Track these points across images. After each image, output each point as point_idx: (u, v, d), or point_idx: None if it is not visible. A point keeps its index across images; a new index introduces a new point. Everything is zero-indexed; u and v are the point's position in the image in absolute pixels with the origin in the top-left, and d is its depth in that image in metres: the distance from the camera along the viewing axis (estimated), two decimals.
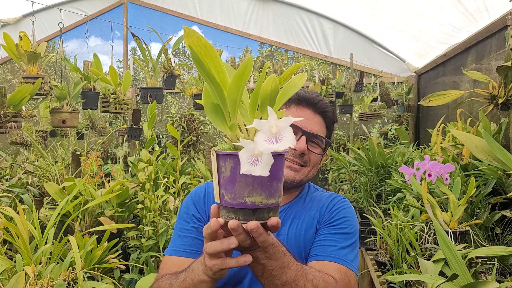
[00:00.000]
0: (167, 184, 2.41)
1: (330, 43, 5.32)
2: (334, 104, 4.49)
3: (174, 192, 2.39)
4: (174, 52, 3.63)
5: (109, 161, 5.63)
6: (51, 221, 1.58)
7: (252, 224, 0.76)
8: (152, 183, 2.37)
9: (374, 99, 4.87)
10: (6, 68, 6.62)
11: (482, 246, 1.31)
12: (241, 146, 0.72)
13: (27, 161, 3.70)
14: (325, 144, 1.28)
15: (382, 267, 1.87)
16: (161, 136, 6.20)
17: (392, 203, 2.09)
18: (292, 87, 0.80)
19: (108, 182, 2.61)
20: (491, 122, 1.91)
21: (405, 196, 1.96)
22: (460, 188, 1.45)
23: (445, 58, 3.65)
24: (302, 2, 5.17)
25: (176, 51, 6.70)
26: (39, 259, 1.34)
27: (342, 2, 4.74)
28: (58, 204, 2.05)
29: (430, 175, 1.39)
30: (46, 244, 1.48)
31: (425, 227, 1.49)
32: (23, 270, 1.16)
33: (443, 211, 1.41)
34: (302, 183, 1.29)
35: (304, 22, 5.33)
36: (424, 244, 1.47)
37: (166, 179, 2.43)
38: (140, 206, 2.28)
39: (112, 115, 5.80)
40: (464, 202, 1.35)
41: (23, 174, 2.94)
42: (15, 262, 1.29)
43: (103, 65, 3.20)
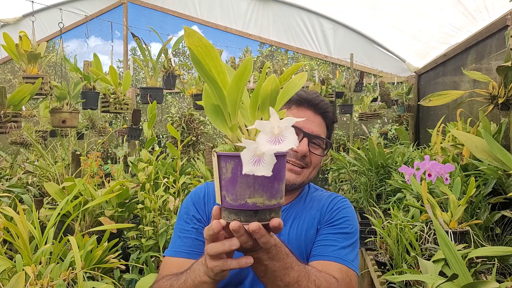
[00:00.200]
0: (167, 184, 2.41)
1: (330, 43, 5.32)
2: (334, 104, 4.49)
3: (174, 192, 2.39)
4: (174, 52, 3.63)
5: (109, 161, 5.63)
6: (51, 221, 1.58)
7: (254, 225, 0.75)
8: (152, 183, 2.37)
9: (374, 99, 4.87)
10: (6, 68, 6.62)
11: (482, 246, 1.31)
12: (242, 147, 0.71)
13: (27, 161, 3.70)
14: (326, 145, 1.28)
15: (382, 267, 1.88)
16: (161, 136, 6.20)
17: (392, 203, 2.09)
18: (293, 87, 0.80)
19: (108, 182, 2.61)
20: (491, 122, 1.91)
21: (405, 196, 1.96)
22: (460, 188, 1.45)
23: (445, 58, 3.65)
24: (302, 2, 5.17)
25: (176, 51, 6.70)
26: (39, 259, 1.34)
27: (342, 2, 4.74)
28: (58, 204, 2.05)
29: (430, 175, 1.39)
30: (46, 244, 1.48)
31: (425, 227, 1.49)
32: (23, 270, 1.16)
33: (443, 211, 1.41)
34: (303, 185, 1.29)
35: (304, 22, 5.33)
36: (424, 244, 1.47)
37: (166, 179, 2.43)
38: (140, 206, 2.28)
39: (112, 115, 5.80)
40: (464, 202, 1.35)
41: (23, 174, 2.94)
42: (15, 262, 1.29)
43: (103, 65, 3.20)
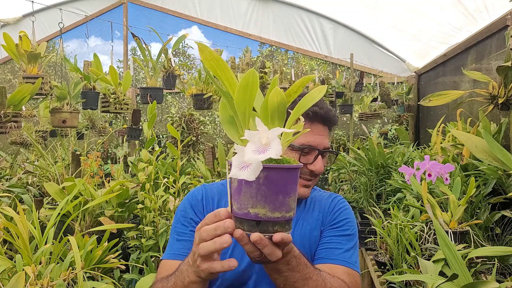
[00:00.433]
0: (167, 184, 2.41)
1: (330, 43, 5.32)
2: (334, 104, 4.49)
3: (174, 192, 2.39)
4: (174, 52, 3.63)
5: (109, 161, 5.63)
6: (51, 221, 1.58)
7: (255, 236, 0.76)
8: (152, 183, 2.37)
9: (374, 99, 4.87)
10: (6, 68, 6.62)
11: (482, 246, 1.31)
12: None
13: (27, 161, 3.70)
14: (333, 155, 1.30)
15: (382, 267, 1.87)
16: (161, 136, 6.20)
17: (392, 203, 2.09)
18: (310, 101, 0.80)
19: (108, 182, 2.61)
20: (491, 122, 1.91)
21: (405, 196, 1.96)
22: (460, 188, 1.45)
23: (445, 58, 3.65)
24: (302, 2, 5.17)
25: (176, 51, 6.70)
26: (39, 259, 1.34)
27: (342, 2, 4.74)
28: (58, 204, 2.05)
29: (430, 175, 1.39)
30: (46, 244, 1.48)
31: (425, 227, 1.49)
32: (23, 270, 1.16)
33: (443, 211, 1.41)
34: None
35: (304, 22, 5.33)
36: (424, 244, 1.47)
37: (166, 179, 2.43)
38: (140, 206, 2.28)
39: (112, 115, 5.80)
40: (464, 202, 1.35)
41: (23, 174, 2.94)
42: (15, 262, 1.29)
43: (103, 65, 3.20)
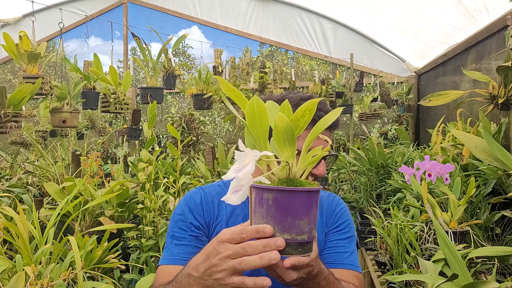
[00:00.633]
0: (167, 184, 2.41)
1: (330, 43, 5.32)
2: (334, 104, 4.49)
3: (174, 192, 2.39)
4: (174, 52, 3.63)
5: (109, 161, 5.63)
6: (51, 221, 1.58)
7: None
8: (152, 183, 2.37)
9: (374, 99, 4.86)
10: (6, 68, 6.62)
11: (482, 246, 1.31)
12: (261, 181, 0.76)
13: (27, 161, 3.70)
14: (333, 157, 1.31)
15: (382, 267, 1.88)
16: (161, 136, 6.20)
17: (392, 203, 2.09)
18: (326, 123, 0.82)
19: (108, 182, 2.61)
20: (491, 122, 1.91)
21: (405, 196, 1.96)
22: (460, 188, 1.45)
23: (445, 58, 3.65)
24: (302, 2, 5.18)
25: (176, 51, 6.70)
26: (39, 259, 1.34)
27: (342, 2, 4.74)
28: (58, 204, 2.05)
29: (430, 175, 1.39)
30: (46, 244, 1.48)
31: (425, 227, 1.49)
32: (23, 270, 1.16)
33: (443, 211, 1.41)
34: None
35: (304, 22, 5.33)
36: (424, 244, 1.47)
37: (166, 179, 2.43)
38: (140, 206, 2.29)
39: (112, 115, 5.80)
40: (464, 202, 1.35)
41: (23, 174, 2.94)
42: (15, 262, 1.29)
43: (103, 65, 3.20)
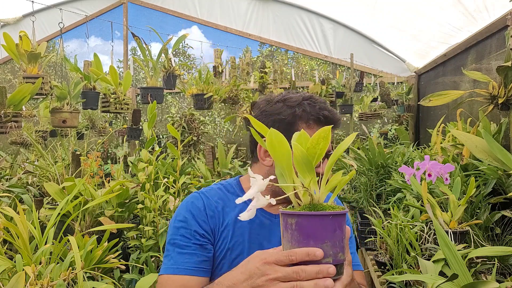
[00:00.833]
0: (167, 184, 2.41)
1: (330, 43, 5.32)
2: (334, 104, 4.49)
3: (174, 192, 2.39)
4: (174, 52, 3.63)
5: (109, 161, 5.63)
6: (51, 221, 1.58)
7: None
8: (152, 183, 2.37)
9: (374, 99, 4.87)
10: (6, 68, 6.62)
11: (482, 246, 1.31)
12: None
13: (27, 161, 3.70)
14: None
15: (382, 267, 1.87)
16: (161, 136, 6.20)
17: (392, 203, 2.09)
18: (343, 148, 0.84)
19: (108, 182, 2.61)
20: (491, 122, 1.91)
21: (405, 196, 1.96)
22: (460, 188, 1.45)
23: (445, 58, 3.65)
24: (302, 2, 5.18)
25: (176, 51, 6.70)
26: (39, 259, 1.34)
27: (342, 2, 4.74)
28: (58, 204, 2.05)
29: (430, 175, 1.39)
30: (46, 244, 1.48)
31: (425, 227, 1.49)
32: (23, 270, 1.16)
33: (443, 211, 1.41)
34: None
35: (304, 22, 5.33)
36: (424, 244, 1.47)
37: (166, 179, 2.43)
38: (140, 206, 2.29)
39: (112, 115, 5.80)
40: (464, 202, 1.35)
41: (23, 174, 2.94)
42: (15, 262, 1.29)
43: (103, 65, 3.20)
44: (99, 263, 1.66)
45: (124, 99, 3.24)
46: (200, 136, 4.46)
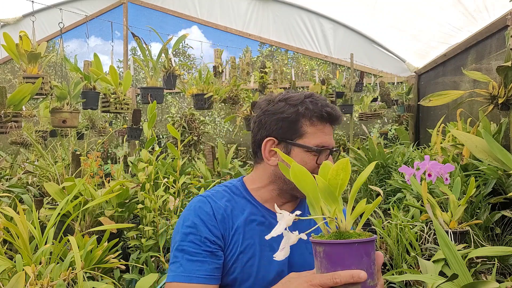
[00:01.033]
0: (167, 184, 2.41)
1: (330, 43, 5.32)
2: (334, 104, 4.48)
3: (174, 192, 2.39)
4: (174, 52, 3.63)
5: (109, 161, 5.63)
6: (51, 221, 1.58)
7: None
8: (152, 183, 2.37)
9: (374, 99, 4.87)
10: (6, 68, 6.62)
11: (482, 246, 1.31)
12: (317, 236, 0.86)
13: (27, 161, 3.70)
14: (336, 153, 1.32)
15: (382, 267, 1.88)
16: (161, 136, 6.20)
17: (392, 203, 2.09)
18: (365, 177, 0.87)
19: (108, 182, 2.61)
20: (491, 122, 1.92)
21: (405, 196, 1.96)
22: (460, 188, 1.45)
23: (445, 58, 3.65)
24: (302, 2, 5.17)
25: (176, 51, 6.71)
26: (39, 259, 1.34)
27: (342, 2, 4.74)
28: (58, 204, 2.05)
29: (430, 175, 1.39)
30: (46, 244, 1.48)
31: (425, 227, 1.49)
32: (23, 270, 1.16)
33: (443, 211, 1.41)
34: None
35: (304, 22, 5.33)
36: (424, 244, 1.47)
37: (166, 179, 2.43)
38: (140, 206, 2.28)
39: (112, 115, 5.80)
40: (464, 202, 1.35)
41: (23, 174, 2.94)
42: (15, 262, 1.29)
43: (103, 65, 3.20)
44: (99, 263, 1.66)
45: (124, 99, 3.24)
46: (200, 136, 4.46)
